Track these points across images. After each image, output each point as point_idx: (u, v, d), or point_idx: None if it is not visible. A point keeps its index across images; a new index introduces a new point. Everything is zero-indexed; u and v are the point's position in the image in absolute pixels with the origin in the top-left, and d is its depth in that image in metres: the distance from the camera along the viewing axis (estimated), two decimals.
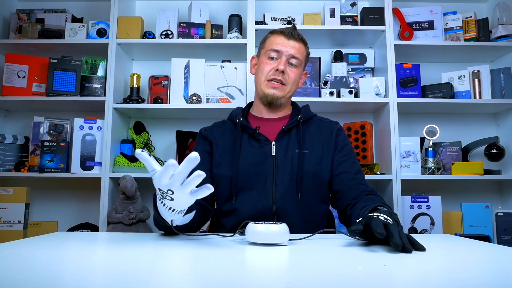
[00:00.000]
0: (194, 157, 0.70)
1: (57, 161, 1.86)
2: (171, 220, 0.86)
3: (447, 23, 2.04)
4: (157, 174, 0.74)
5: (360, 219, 0.82)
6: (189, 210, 0.90)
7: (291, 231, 0.86)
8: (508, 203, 2.05)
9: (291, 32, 1.22)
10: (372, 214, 0.84)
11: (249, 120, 1.27)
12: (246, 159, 1.17)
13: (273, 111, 1.26)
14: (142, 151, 0.75)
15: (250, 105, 1.34)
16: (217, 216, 1.24)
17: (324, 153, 1.19)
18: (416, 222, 1.82)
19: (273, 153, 1.17)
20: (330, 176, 1.19)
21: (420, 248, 0.73)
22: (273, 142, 1.19)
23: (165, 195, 0.77)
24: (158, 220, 0.93)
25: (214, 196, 1.22)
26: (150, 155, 0.76)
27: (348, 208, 1.12)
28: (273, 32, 1.25)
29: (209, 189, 0.73)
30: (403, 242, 0.71)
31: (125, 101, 1.94)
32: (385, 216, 0.82)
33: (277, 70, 1.18)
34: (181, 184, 0.73)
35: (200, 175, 0.71)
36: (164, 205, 0.81)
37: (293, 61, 1.20)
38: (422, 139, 1.94)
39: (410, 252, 0.70)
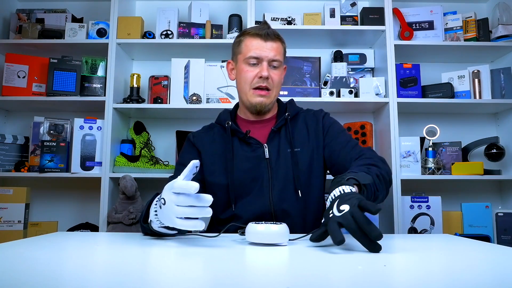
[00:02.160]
0: (209, 199, 0.75)
1: (57, 161, 1.86)
2: (150, 220, 0.87)
3: (447, 23, 2.04)
4: (176, 181, 0.76)
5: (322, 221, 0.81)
6: (173, 229, 0.87)
7: (292, 231, 0.86)
8: (508, 203, 2.05)
9: (266, 32, 1.15)
10: (331, 196, 0.82)
11: (238, 123, 1.24)
12: (240, 165, 1.15)
13: (259, 116, 1.23)
14: (197, 166, 0.80)
15: (237, 106, 1.30)
16: (214, 223, 1.22)
17: (315, 147, 1.18)
18: (416, 222, 1.82)
19: (266, 155, 1.15)
20: (323, 166, 1.19)
21: (377, 237, 0.68)
22: (265, 144, 1.17)
23: (160, 198, 0.81)
24: (140, 218, 0.96)
25: None
26: (194, 173, 0.80)
27: None
28: (247, 34, 1.17)
29: (199, 227, 0.75)
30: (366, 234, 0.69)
31: (125, 101, 1.94)
32: (344, 190, 0.79)
33: (260, 77, 1.13)
34: (175, 205, 0.75)
35: (203, 212, 0.75)
36: (155, 205, 0.85)
37: (274, 63, 1.16)
38: (422, 139, 1.94)
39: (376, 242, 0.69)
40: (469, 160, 1.99)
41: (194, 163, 0.78)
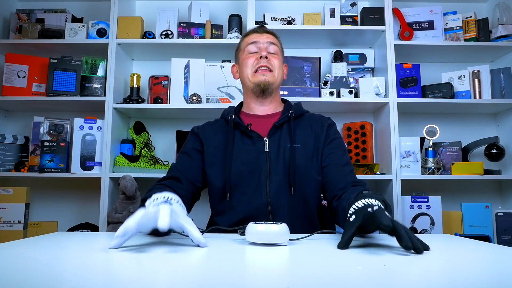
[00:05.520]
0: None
1: (57, 161, 1.86)
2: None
3: (447, 23, 2.04)
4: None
5: (352, 216, 0.81)
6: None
7: None
8: (508, 203, 2.05)
9: (261, 28, 1.30)
10: (358, 204, 0.82)
11: (241, 117, 1.27)
12: (240, 157, 1.17)
13: (264, 104, 1.26)
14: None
15: (242, 104, 1.35)
16: (212, 214, 1.24)
17: (315, 148, 1.19)
18: (416, 222, 1.82)
19: (266, 149, 1.17)
20: (321, 169, 1.18)
21: (425, 247, 0.71)
22: (266, 138, 1.19)
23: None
24: None
25: (194, 196, 1.20)
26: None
27: (334, 200, 1.10)
28: (245, 34, 1.33)
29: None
30: (413, 242, 0.68)
31: (125, 101, 1.94)
32: (372, 202, 0.81)
33: (260, 57, 1.22)
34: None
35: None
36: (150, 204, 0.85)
37: (271, 48, 1.25)
38: (422, 139, 1.94)
39: (421, 253, 0.68)
40: (469, 160, 1.99)
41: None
